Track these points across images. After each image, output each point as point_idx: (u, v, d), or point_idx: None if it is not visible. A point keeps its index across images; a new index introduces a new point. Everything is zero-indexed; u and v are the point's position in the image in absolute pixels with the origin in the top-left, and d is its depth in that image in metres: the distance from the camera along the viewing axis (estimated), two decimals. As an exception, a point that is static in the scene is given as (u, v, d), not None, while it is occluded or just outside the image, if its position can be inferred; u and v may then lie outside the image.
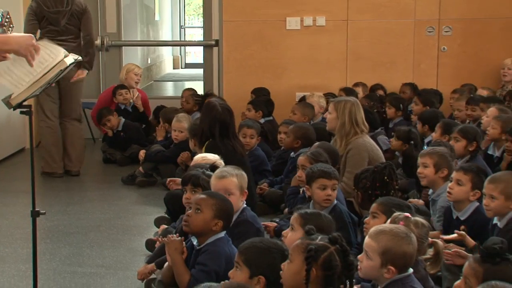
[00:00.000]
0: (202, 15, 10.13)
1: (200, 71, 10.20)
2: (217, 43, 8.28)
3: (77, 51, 5.83)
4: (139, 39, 12.55)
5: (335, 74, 7.97)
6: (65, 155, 6.61)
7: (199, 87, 8.75)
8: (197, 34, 19.19)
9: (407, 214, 3.14)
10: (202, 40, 9.35)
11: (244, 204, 3.78)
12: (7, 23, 3.30)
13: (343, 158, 4.98)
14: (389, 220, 3.15)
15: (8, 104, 3.35)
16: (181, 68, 18.34)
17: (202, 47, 9.36)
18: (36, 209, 3.42)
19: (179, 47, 18.86)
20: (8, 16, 3.33)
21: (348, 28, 7.94)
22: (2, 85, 3.32)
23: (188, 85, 11.22)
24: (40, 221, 3.68)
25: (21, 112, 3.37)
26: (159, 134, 6.80)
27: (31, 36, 3.23)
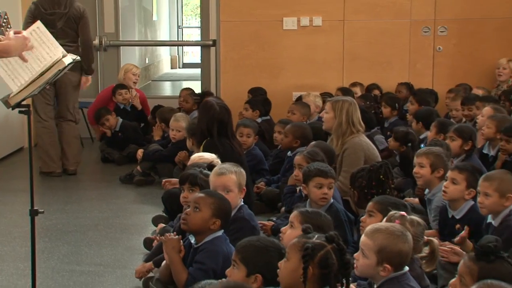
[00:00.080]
0: (199, 15, 10.14)
1: (198, 71, 10.19)
2: (214, 43, 8.28)
3: (75, 54, 5.82)
4: (137, 39, 12.52)
5: (332, 74, 7.97)
6: (61, 154, 6.61)
7: (196, 87, 8.75)
8: (195, 34, 19.16)
9: (403, 213, 3.14)
10: (200, 40, 9.36)
11: (241, 201, 3.78)
12: (4, 23, 3.30)
13: (339, 157, 4.98)
14: (385, 219, 3.15)
15: (7, 103, 3.35)
16: (179, 68, 18.31)
17: (199, 47, 9.36)
18: (35, 208, 3.42)
19: (176, 47, 18.83)
20: (6, 17, 3.33)
21: (344, 28, 7.94)
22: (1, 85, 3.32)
23: (185, 84, 11.21)
24: (39, 220, 3.69)
25: (20, 112, 3.38)
26: (156, 134, 6.80)
27: (24, 38, 3.25)
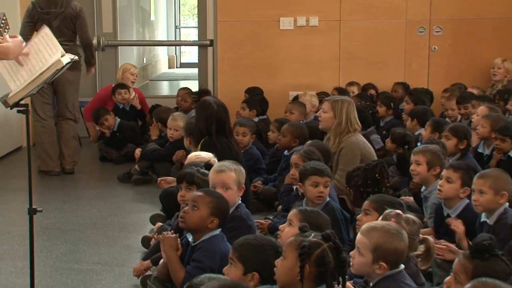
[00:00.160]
0: (197, 15, 10.13)
1: (195, 71, 10.19)
2: (211, 43, 8.27)
3: (71, 53, 5.82)
4: (135, 39, 12.52)
5: (328, 73, 7.97)
6: (59, 153, 6.60)
7: (194, 87, 8.74)
8: (192, 34, 19.16)
9: (399, 211, 3.15)
10: (197, 40, 9.34)
11: (239, 200, 3.77)
12: (3, 24, 3.30)
13: (335, 156, 4.99)
14: (380, 217, 3.16)
15: (5, 103, 3.35)
16: (176, 68, 18.31)
17: (197, 47, 9.36)
18: (33, 207, 3.42)
19: (174, 47, 18.83)
20: (4, 18, 3.33)
21: (340, 28, 7.94)
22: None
23: (183, 84, 11.21)
24: (37, 219, 3.68)
25: (18, 111, 3.37)
26: (153, 133, 6.80)
27: (21, 41, 3.28)
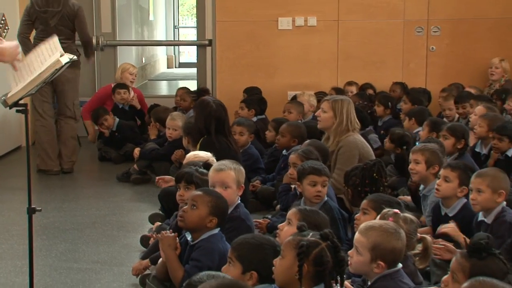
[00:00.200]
0: (195, 15, 10.13)
1: (194, 70, 10.19)
2: (210, 43, 8.27)
3: (68, 52, 5.82)
4: (133, 39, 12.51)
5: (326, 73, 7.97)
6: (58, 152, 6.60)
7: (193, 86, 8.74)
8: (191, 34, 19.16)
9: (396, 210, 3.15)
10: (196, 40, 9.34)
11: (239, 200, 3.77)
12: (2, 25, 3.30)
13: (333, 155, 4.98)
14: (378, 216, 3.16)
15: (4, 103, 3.35)
16: (175, 68, 18.31)
17: (195, 46, 9.36)
18: (32, 206, 3.41)
19: (173, 46, 18.83)
20: (3, 18, 3.33)
21: (338, 28, 7.94)
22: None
23: (182, 84, 11.21)
24: (36, 218, 3.68)
25: (17, 111, 3.37)
26: (152, 133, 6.80)
27: (17, 46, 3.32)
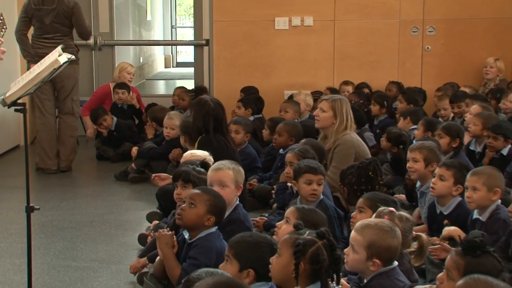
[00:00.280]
0: (193, 15, 10.11)
1: (191, 70, 10.17)
2: (207, 43, 8.27)
3: (66, 48, 5.82)
4: (131, 39, 12.49)
5: (323, 72, 7.97)
6: (57, 151, 6.60)
7: (190, 86, 8.74)
8: (188, 34, 19.12)
9: (392, 209, 3.15)
10: (193, 39, 9.33)
11: (237, 200, 3.75)
12: (0, 24, 3.29)
13: (330, 154, 4.99)
14: (374, 215, 3.16)
15: (3, 102, 3.35)
16: (173, 67, 18.28)
17: (193, 46, 9.34)
18: (31, 205, 3.42)
19: (170, 46, 18.80)
20: (1, 18, 3.32)
21: (335, 28, 7.94)
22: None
23: (179, 83, 11.22)
24: (35, 216, 3.68)
25: (16, 110, 3.37)
26: (149, 132, 6.80)
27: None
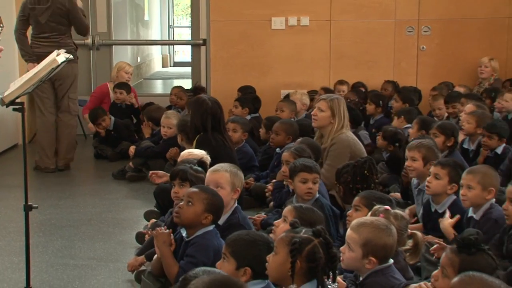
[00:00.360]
0: (190, 15, 10.11)
1: (188, 69, 10.18)
2: (204, 42, 8.27)
3: (63, 47, 5.79)
4: (129, 38, 12.49)
5: (319, 72, 7.97)
6: (56, 149, 6.60)
7: (187, 85, 8.74)
8: (185, 34, 19.12)
9: (387, 207, 3.16)
10: (190, 39, 9.33)
11: (236, 203, 3.72)
12: None
13: (325, 152, 4.98)
14: (369, 213, 3.16)
15: (1, 101, 3.34)
16: (170, 67, 18.27)
17: (190, 46, 9.35)
18: (29, 203, 3.41)
19: (168, 46, 18.79)
20: None
21: (331, 28, 7.94)
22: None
23: (176, 83, 11.22)
24: (33, 215, 3.67)
25: (14, 109, 3.36)
26: (145, 132, 6.80)
27: None
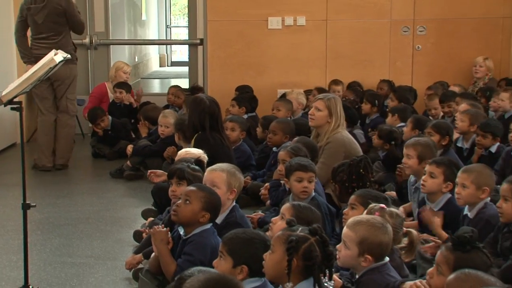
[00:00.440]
0: (187, 15, 10.10)
1: (186, 69, 10.16)
2: (201, 42, 8.26)
3: (60, 48, 5.77)
4: (126, 38, 12.47)
5: (315, 71, 7.97)
6: (54, 148, 6.59)
7: (184, 84, 8.73)
8: (183, 33, 19.09)
9: (382, 205, 3.16)
10: (187, 39, 9.32)
11: (233, 203, 3.71)
12: None
13: (321, 151, 4.98)
14: (365, 211, 3.17)
15: (-1, 100, 3.34)
16: (167, 66, 18.25)
17: (187, 45, 9.34)
18: (27, 202, 3.41)
19: (165, 45, 18.77)
20: None
21: (327, 28, 7.95)
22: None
23: (174, 82, 11.20)
24: (31, 214, 3.67)
25: (12, 108, 3.36)
26: (142, 131, 6.79)
27: None
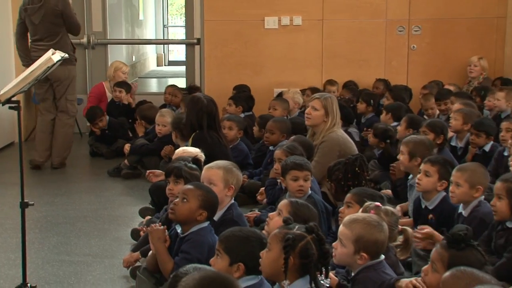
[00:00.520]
0: (184, 14, 10.09)
1: (183, 68, 10.16)
2: (198, 42, 8.26)
3: (58, 48, 5.73)
4: (124, 38, 12.45)
5: (311, 71, 7.98)
6: (52, 147, 6.58)
7: (181, 84, 8.73)
8: (180, 33, 19.08)
9: (378, 204, 3.16)
10: (185, 38, 9.31)
11: (232, 200, 3.71)
12: None
13: (315, 149, 4.99)
14: (361, 209, 3.17)
15: (-3, 100, 3.33)
16: (165, 66, 18.23)
17: (184, 45, 9.33)
18: (25, 201, 3.40)
19: (162, 45, 18.75)
20: None
21: (323, 28, 7.95)
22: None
23: (171, 81, 11.19)
24: (29, 212, 3.66)
25: (10, 108, 3.35)
26: (139, 131, 6.78)
27: None
